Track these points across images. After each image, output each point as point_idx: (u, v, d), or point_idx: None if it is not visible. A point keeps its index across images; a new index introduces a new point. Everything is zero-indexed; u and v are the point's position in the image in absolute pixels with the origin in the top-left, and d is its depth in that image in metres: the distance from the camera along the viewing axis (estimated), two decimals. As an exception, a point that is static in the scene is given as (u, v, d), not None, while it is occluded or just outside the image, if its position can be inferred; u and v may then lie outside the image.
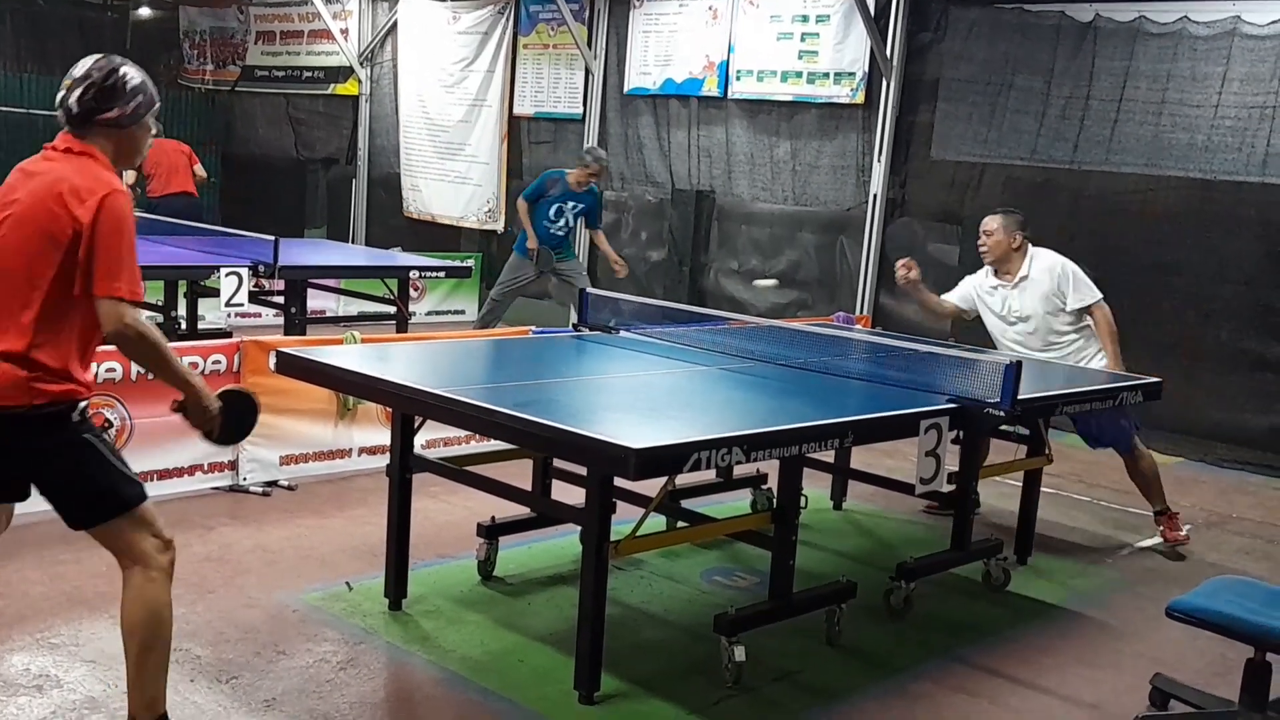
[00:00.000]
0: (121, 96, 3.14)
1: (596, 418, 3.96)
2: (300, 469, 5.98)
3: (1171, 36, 8.09)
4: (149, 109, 3.22)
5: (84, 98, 3.12)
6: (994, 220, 6.00)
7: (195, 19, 16.08)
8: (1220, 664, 4.34)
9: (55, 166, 3.08)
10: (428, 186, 13.11)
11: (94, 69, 3.15)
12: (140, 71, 3.24)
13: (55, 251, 2.96)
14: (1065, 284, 5.87)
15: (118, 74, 3.15)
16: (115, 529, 3.13)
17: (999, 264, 6.00)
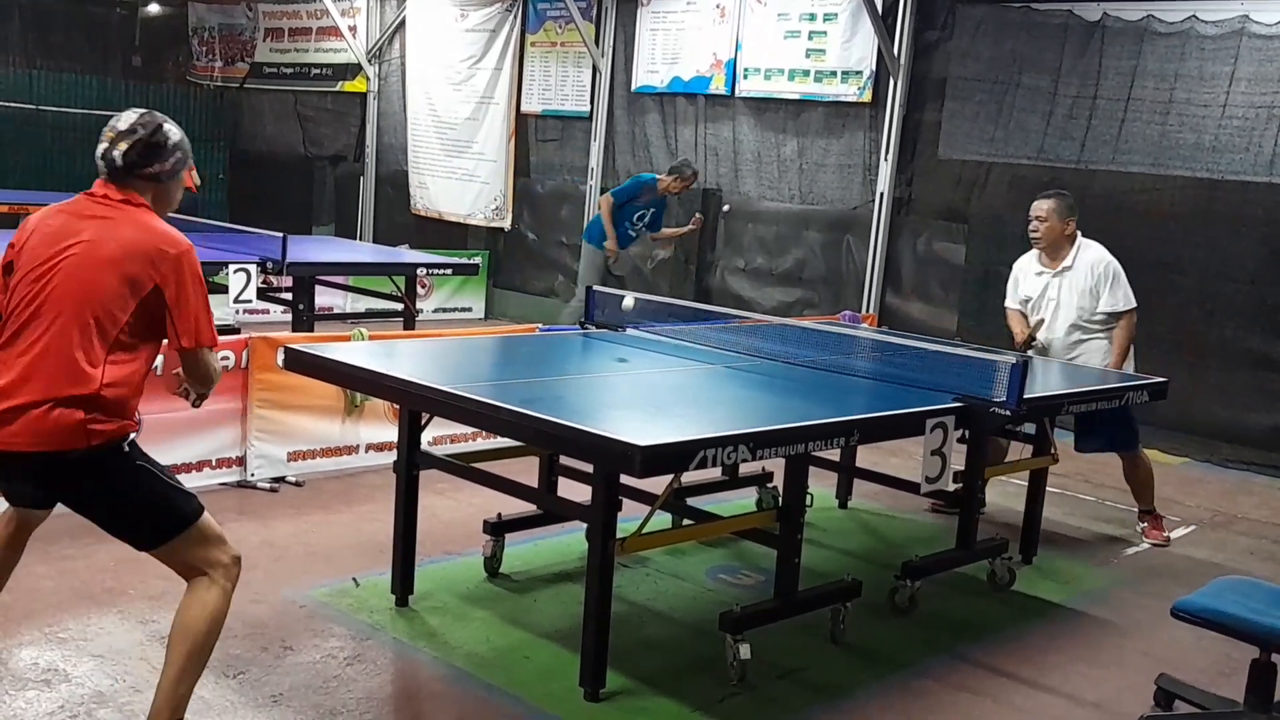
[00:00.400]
0: (164, 153, 3.27)
1: (602, 415, 3.97)
2: (308, 465, 6.00)
3: (1179, 36, 8.08)
4: (185, 164, 3.37)
5: (129, 152, 3.23)
6: (1046, 204, 5.92)
7: (204, 15, 16.11)
8: (1225, 664, 4.35)
9: (120, 215, 3.20)
10: (435, 184, 13.13)
11: (139, 124, 3.25)
12: (179, 130, 3.37)
13: (133, 299, 3.10)
14: (1104, 284, 5.83)
15: (161, 131, 3.28)
16: (179, 546, 3.22)
17: (1049, 249, 5.94)
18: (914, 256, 9.59)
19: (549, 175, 12.23)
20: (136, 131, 3.24)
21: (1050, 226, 5.89)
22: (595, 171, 11.60)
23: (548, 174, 12.24)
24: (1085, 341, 5.93)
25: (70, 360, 3.05)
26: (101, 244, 3.13)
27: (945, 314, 9.36)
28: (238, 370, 5.70)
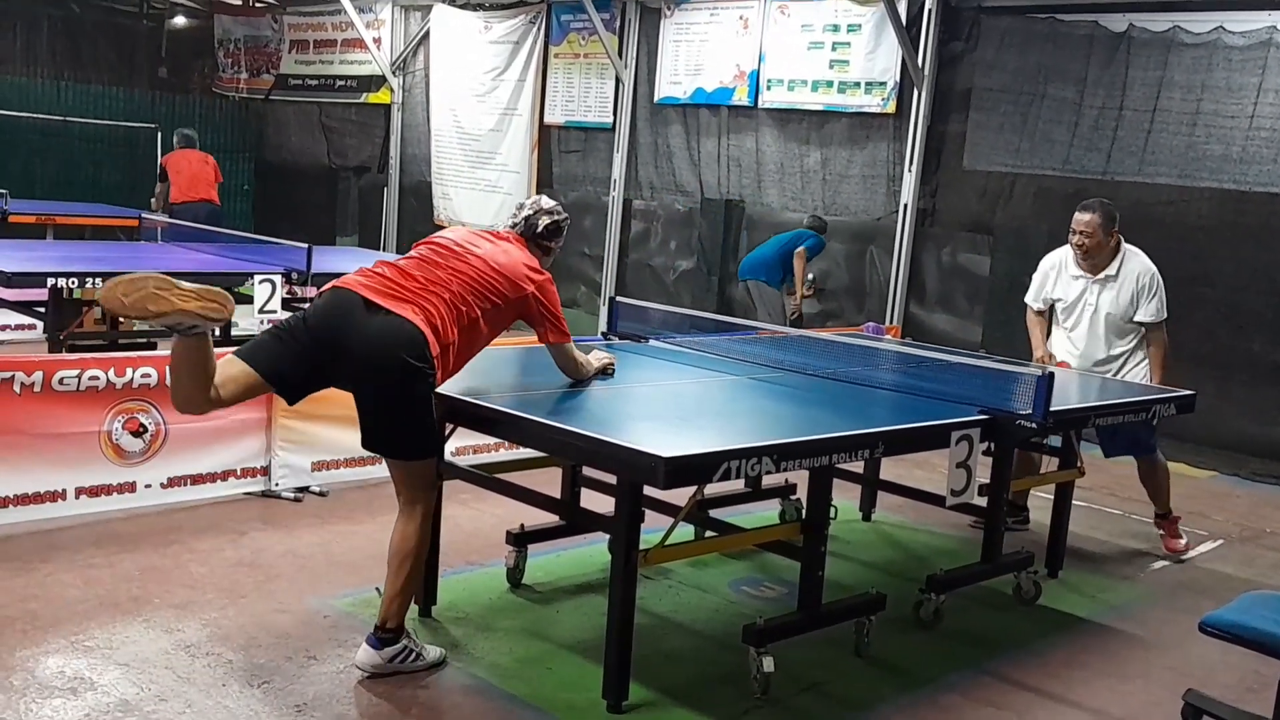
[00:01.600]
0: (559, 236, 4.32)
1: (626, 426, 3.97)
2: (332, 475, 6.02)
3: (1206, 47, 8.04)
4: (562, 237, 4.37)
5: (546, 227, 4.25)
6: (1089, 218, 5.76)
7: (230, 28, 16.25)
8: (1254, 680, 4.30)
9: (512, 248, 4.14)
10: (458, 195, 13.18)
11: (555, 210, 4.30)
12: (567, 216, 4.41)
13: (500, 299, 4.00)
14: (1144, 294, 5.75)
15: (563, 219, 4.32)
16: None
17: (1090, 258, 5.82)
18: (938, 268, 9.56)
19: (572, 186, 12.26)
20: (554, 215, 4.28)
21: (1097, 242, 5.76)
22: (618, 183, 11.62)
23: (571, 185, 12.27)
24: (1113, 352, 5.84)
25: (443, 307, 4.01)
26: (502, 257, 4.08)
27: (970, 326, 9.33)
28: (262, 380, 5.71)
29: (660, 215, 11.42)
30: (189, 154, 11.52)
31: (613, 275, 11.74)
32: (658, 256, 11.47)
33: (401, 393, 3.75)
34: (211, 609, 4.33)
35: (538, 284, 4.07)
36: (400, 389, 3.74)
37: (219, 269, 7.67)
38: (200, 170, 11.48)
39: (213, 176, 11.61)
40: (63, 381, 5.05)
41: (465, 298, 3.89)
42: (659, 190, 11.44)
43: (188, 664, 3.88)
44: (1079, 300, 5.89)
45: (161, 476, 5.40)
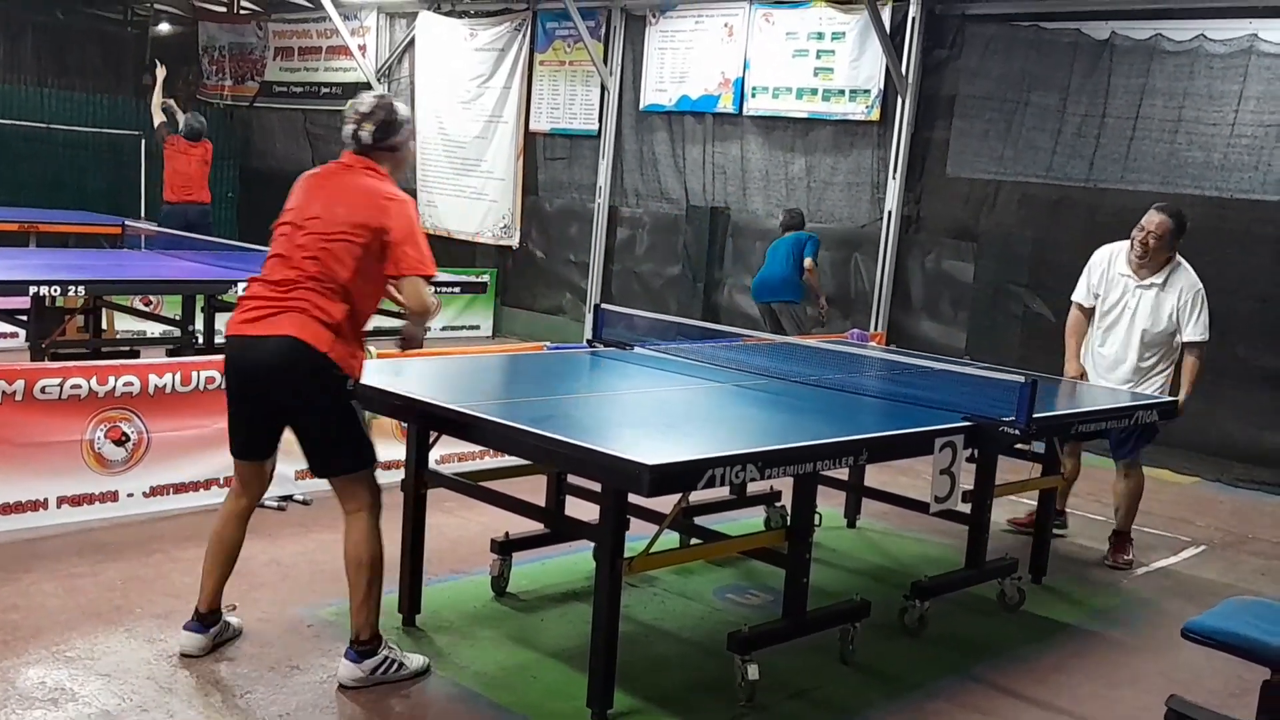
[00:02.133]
0: (397, 129, 3.91)
1: (611, 434, 3.96)
2: (315, 484, 5.94)
3: (1188, 54, 8.09)
4: (413, 136, 4.04)
5: (371, 131, 3.87)
6: (1162, 220, 5.62)
7: (214, 34, 16.20)
8: (1237, 685, 4.31)
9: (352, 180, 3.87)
10: (444, 202, 13.16)
11: (379, 108, 3.90)
12: (405, 104, 4.05)
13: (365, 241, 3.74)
14: (1188, 312, 5.60)
15: (392, 110, 3.92)
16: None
17: (1146, 259, 5.68)
18: (923, 275, 9.58)
19: (557, 194, 12.26)
20: (376, 113, 3.86)
21: (1161, 245, 5.62)
22: (603, 190, 11.62)
23: (556, 192, 12.27)
24: (1144, 361, 5.72)
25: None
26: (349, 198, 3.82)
27: (954, 332, 9.35)
28: (246, 388, 5.69)
29: (646, 222, 11.43)
30: (190, 152, 11.41)
31: (598, 282, 11.74)
32: (643, 264, 11.47)
33: (313, 407, 3.74)
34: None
35: (386, 211, 3.76)
36: (310, 405, 3.74)
37: (203, 276, 7.64)
38: (198, 171, 11.44)
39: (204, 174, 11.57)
40: (44, 390, 5.03)
41: (329, 270, 3.71)
42: (644, 197, 11.45)
43: (170, 674, 3.85)
44: (1119, 302, 5.77)
45: (144, 485, 5.38)
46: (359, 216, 3.73)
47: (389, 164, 3.93)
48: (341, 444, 3.80)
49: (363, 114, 3.88)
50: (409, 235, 3.76)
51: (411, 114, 4.04)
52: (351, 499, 3.88)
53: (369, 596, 3.83)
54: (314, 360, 3.65)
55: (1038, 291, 8.90)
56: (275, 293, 3.74)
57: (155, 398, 5.33)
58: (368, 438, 3.87)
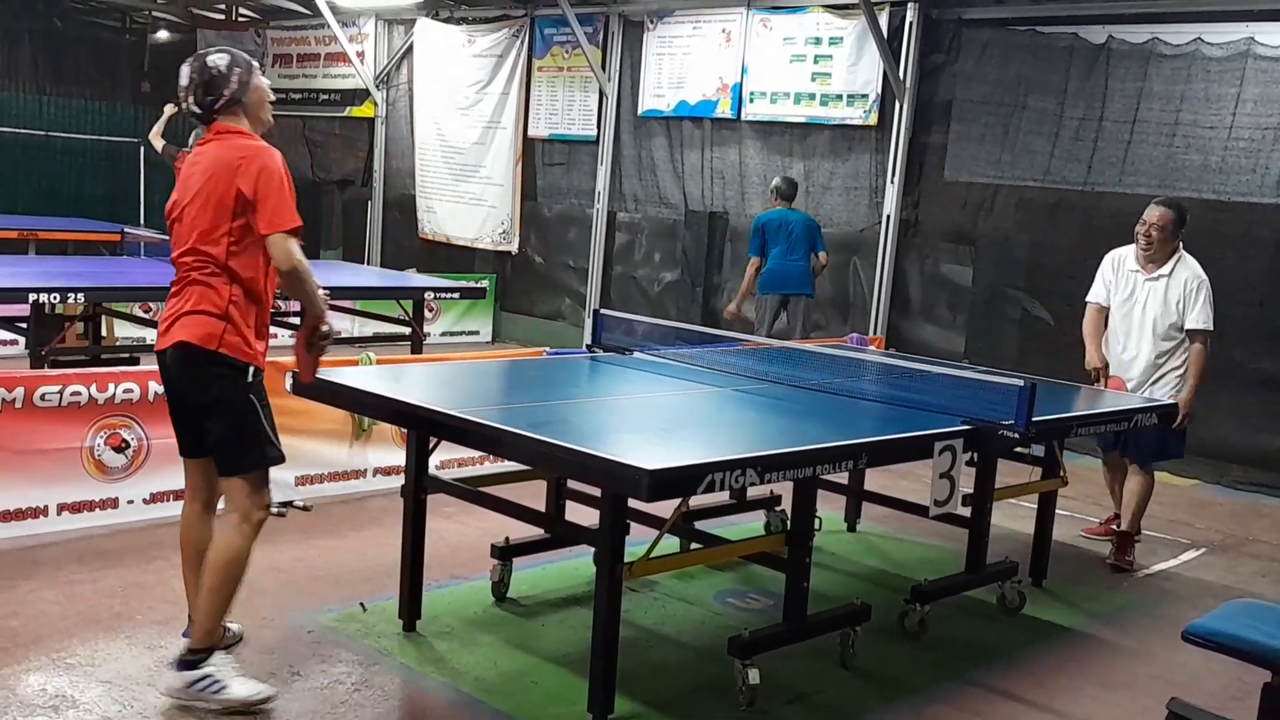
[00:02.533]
0: (222, 80, 3.67)
1: (610, 439, 3.97)
2: (315, 489, 6.00)
3: (1185, 58, 8.10)
4: (250, 74, 3.74)
5: (197, 100, 3.67)
6: (1163, 213, 5.80)
7: (213, 42, 16.17)
8: (1237, 688, 4.32)
9: (208, 150, 3.67)
10: (442, 208, 13.17)
11: (194, 72, 3.67)
12: (223, 50, 3.75)
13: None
14: (1191, 301, 5.73)
15: (207, 66, 3.67)
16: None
17: (1151, 251, 5.84)
18: (921, 278, 9.59)
19: (556, 199, 12.27)
20: (192, 79, 3.66)
21: (1163, 237, 5.78)
22: (602, 195, 11.64)
23: (554, 198, 12.28)
24: (1160, 357, 5.82)
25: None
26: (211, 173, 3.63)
27: (953, 336, 9.36)
28: (246, 394, 5.70)
29: (644, 227, 11.44)
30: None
31: (597, 287, 11.75)
32: (642, 269, 11.49)
33: (214, 403, 3.66)
34: (195, 625, 4.30)
35: (237, 171, 3.55)
36: (212, 401, 3.66)
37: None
38: None
39: None
40: (44, 397, 5.04)
41: (206, 255, 3.59)
42: (643, 203, 11.46)
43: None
44: (1130, 297, 5.91)
45: (144, 492, 5.38)
46: (216, 187, 3.56)
47: (240, 117, 3.72)
48: (237, 441, 3.68)
49: (184, 87, 3.69)
50: (265, 190, 3.54)
51: (241, 57, 3.74)
52: (231, 500, 3.72)
53: (213, 606, 3.64)
54: (205, 359, 3.59)
55: (1035, 295, 8.91)
56: (170, 300, 3.69)
57: (155, 404, 5.33)
58: (270, 441, 3.75)
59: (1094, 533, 6.39)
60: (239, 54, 3.75)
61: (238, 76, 3.69)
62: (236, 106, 3.70)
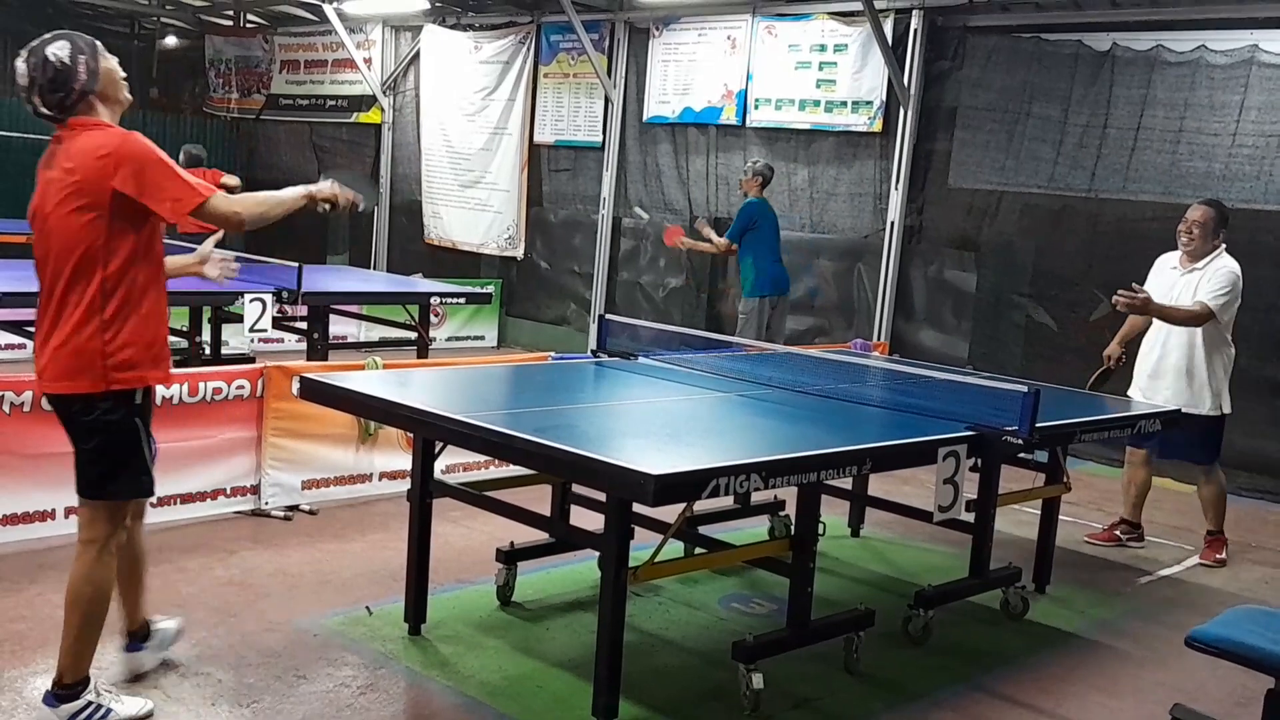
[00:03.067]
0: (67, 74, 3.30)
1: (615, 443, 3.98)
2: (321, 493, 6.02)
3: (1189, 65, 8.11)
4: (93, 58, 3.35)
5: (46, 99, 3.30)
6: (1203, 211, 6.03)
7: (221, 48, 16.27)
8: (1241, 694, 4.32)
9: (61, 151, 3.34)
10: (449, 213, 13.20)
11: (33, 69, 3.30)
12: (61, 38, 3.34)
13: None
14: (1208, 278, 5.93)
15: (47, 61, 3.30)
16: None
17: (1192, 249, 6.07)
18: (925, 285, 9.60)
19: (561, 205, 12.30)
20: (33, 77, 3.30)
21: (1204, 236, 6.00)
22: (607, 201, 11.66)
23: (560, 204, 12.31)
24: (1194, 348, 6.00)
25: None
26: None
27: (957, 342, 9.37)
28: (253, 399, 5.73)
29: (649, 233, 11.46)
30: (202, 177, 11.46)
31: (602, 293, 11.77)
32: (647, 274, 11.51)
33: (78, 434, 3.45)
34: (200, 628, 4.32)
35: (104, 169, 3.20)
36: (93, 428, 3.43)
37: (209, 288, 7.64)
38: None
39: None
40: (52, 401, 5.05)
41: (75, 273, 3.29)
42: (648, 208, 11.48)
43: (176, 684, 3.87)
44: (1169, 292, 6.09)
45: (150, 496, 5.39)
46: (80, 193, 3.21)
47: (95, 108, 3.34)
48: (109, 463, 3.45)
49: (24, 87, 3.31)
50: (152, 176, 3.20)
51: (82, 40, 3.37)
52: (88, 528, 3.46)
53: (78, 638, 3.45)
54: (80, 404, 3.37)
55: (1039, 301, 8.92)
56: (42, 324, 3.41)
57: (162, 408, 5.34)
58: (140, 467, 3.50)
59: (1097, 538, 6.40)
60: (78, 37, 3.36)
61: (84, 64, 3.30)
62: (87, 98, 3.32)
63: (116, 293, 3.32)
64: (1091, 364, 7.25)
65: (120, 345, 3.34)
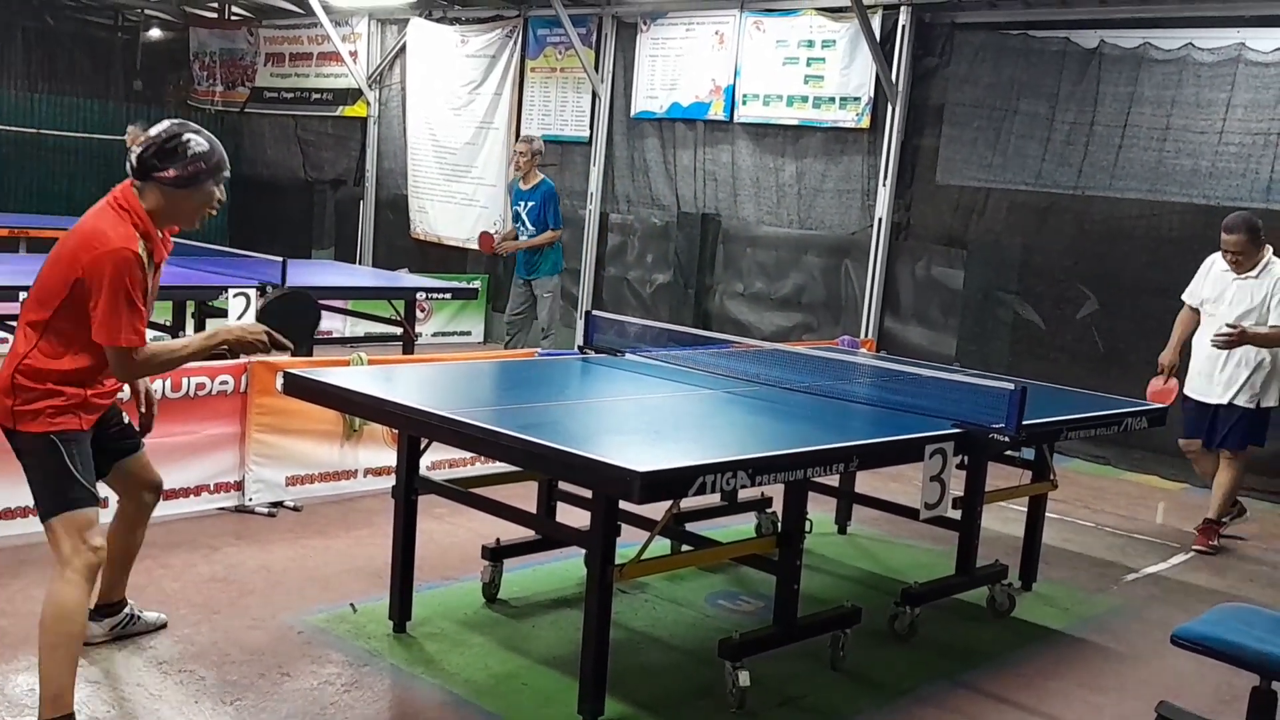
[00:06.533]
0: (176, 159, 3.40)
1: (602, 440, 3.97)
2: (306, 490, 5.99)
3: (1176, 63, 8.13)
4: (210, 177, 3.47)
5: (144, 154, 3.41)
6: (1237, 239, 6.16)
7: (205, 40, 16.19)
8: (1226, 691, 4.33)
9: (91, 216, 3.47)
10: (434, 208, 13.16)
11: (163, 130, 3.44)
12: (209, 141, 3.47)
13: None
14: (1275, 296, 6.08)
15: (180, 139, 3.42)
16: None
17: (1242, 267, 6.22)
18: (913, 281, 9.61)
19: (548, 200, 12.25)
20: (157, 135, 3.42)
21: (1247, 256, 6.18)
22: (595, 196, 11.63)
23: (547, 198, 12.26)
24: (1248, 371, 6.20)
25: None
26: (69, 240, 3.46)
27: (944, 339, 9.38)
28: (236, 395, 5.70)
29: (637, 229, 11.44)
30: None
31: (589, 289, 11.75)
32: (634, 270, 11.48)
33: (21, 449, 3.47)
34: (184, 625, 4.30)
35: (92, 259, 3.27)
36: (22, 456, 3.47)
37: (193, 282, 7.62)
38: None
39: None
40: (34, 396, 5.01)
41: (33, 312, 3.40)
42: (635, 204, 11.46)
43: (159, 681, 3.85)
44: (1221, 295, 6.27)
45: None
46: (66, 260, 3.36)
47: (154, 198, 3.43)
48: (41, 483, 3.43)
49: (147, 136, 3.47)
50: (108, 295, 3.26)
51: (219, 158, 3.48)
52: (53, 548, 3.42)
53: (53, 669, 3.36)
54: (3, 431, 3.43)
55: (1027, 298, 8.93)
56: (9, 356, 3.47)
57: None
58: (78, 480, 3.41)
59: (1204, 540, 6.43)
60: (220, 153, 3.49)
61: (197, 168, 3.42)
62: (159, 186, 3.42)
63: (45, 349, 3.39)
64: (1078, 360, 7.29)
65: (33, 395, 3.37)
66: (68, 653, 3.38)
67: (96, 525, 3.47)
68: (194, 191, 3.45)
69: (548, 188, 9.14)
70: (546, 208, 9.06)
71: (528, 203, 9.13)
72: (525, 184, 9.17)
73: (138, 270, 3.33)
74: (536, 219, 9.09)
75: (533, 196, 9.11)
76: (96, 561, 3.43)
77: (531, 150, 9.12)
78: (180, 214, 3.51)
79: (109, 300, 3.27)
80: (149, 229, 3.43)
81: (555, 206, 9.12)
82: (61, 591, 3.36)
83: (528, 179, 9.15)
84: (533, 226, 9.12)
